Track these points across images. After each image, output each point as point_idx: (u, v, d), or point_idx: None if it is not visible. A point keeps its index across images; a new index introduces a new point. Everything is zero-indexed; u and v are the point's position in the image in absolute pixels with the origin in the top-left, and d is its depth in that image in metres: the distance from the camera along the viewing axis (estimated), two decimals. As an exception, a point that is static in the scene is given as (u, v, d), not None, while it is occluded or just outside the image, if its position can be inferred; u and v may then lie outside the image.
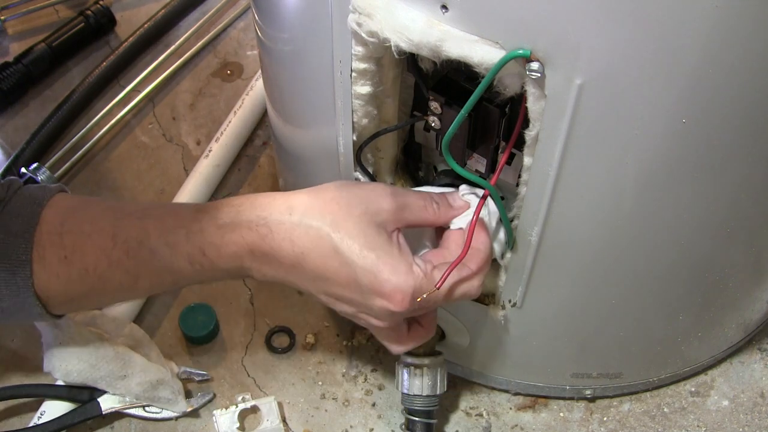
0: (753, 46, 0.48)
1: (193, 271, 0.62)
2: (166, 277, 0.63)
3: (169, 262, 0.62)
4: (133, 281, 0.63)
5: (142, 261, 0.62)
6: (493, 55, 0.50)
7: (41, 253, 0.63)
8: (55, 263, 0.63)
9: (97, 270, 0.63)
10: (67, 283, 0.64)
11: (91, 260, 0.63)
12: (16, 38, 1.20)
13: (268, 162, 1.05)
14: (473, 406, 0.84)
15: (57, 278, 0.63)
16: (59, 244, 0.63)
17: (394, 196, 0.60)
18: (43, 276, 0.63)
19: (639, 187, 0.58)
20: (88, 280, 0.63)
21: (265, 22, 0.70)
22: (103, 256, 0.63)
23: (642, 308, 0.71)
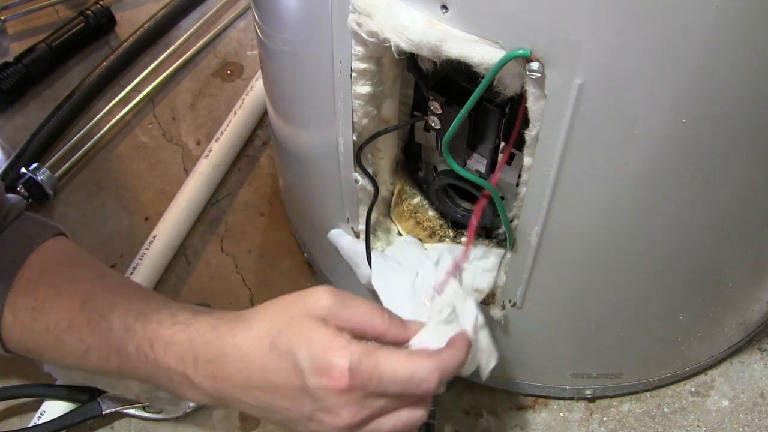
0: (753, 46, 0.48)
1: (138, 361, 0.62)
2: (113, 359, 0.63)
3: (120, 344, 0.62)
4: (84, 352, 0.64)
5: (98, 334, 0.63)
6: (493, 55, 0.50)
7: (14, 299, 0.65)
8: (22, 312, 0.65)
9: (57, 329, 0.64)
10: (29, 333, 0.65)
11: (54, 318, 0.64)
12: (16, 38, 1.20)
13: (268, 162, 1.05)
14: (473, 406, 0.84)
15: (21, 327, 0.65)
16: (33, 295, 0.65)
17: (335, 294, 0.58)
18: (9, 320, 0.65)
19: (639, 187, 0.58)
20: (47, 337, 0.64)
21: (265, 22, 0.70)
22: (66, 317, 0.64)
23: (642, 308, 0.71)
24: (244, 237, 0.97)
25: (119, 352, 0.62)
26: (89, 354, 0.64)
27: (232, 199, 1.01)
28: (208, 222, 0.99)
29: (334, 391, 0.54)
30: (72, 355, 0.65)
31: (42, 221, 0.71)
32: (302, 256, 0.95)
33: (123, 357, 0.62)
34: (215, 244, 0.97)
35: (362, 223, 0.72)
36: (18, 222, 0.67)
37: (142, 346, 0.61)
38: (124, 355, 0.62)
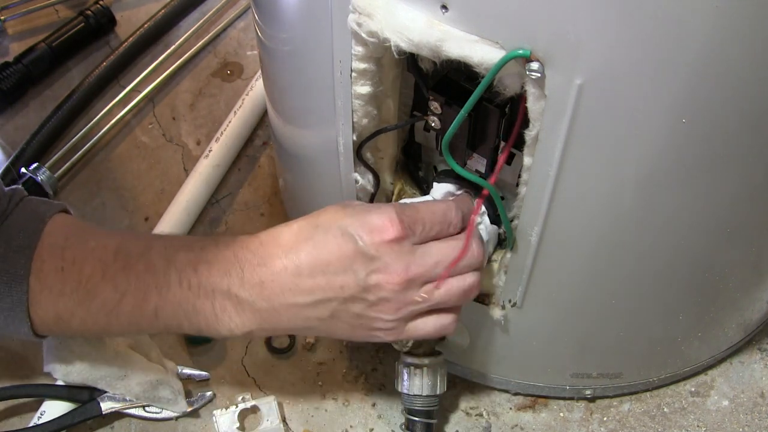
0: (753, 45, 0.48)
1: (179, 292, 0.60)
2: (152, 297, 0.61)
3: (161, 277, 0.61)
4: (118, 300, 0.62)
5: (135, 275, 0.61)
6: (493, 55, 0.50)
7: (39, 265, 0.63)
8: (50, 275, 0.63)
9: (89, 282, 0.62)
10: (58, 296, 0.63)
11: (87, 272, 0.62)
12: (16, 38, 1.20)
13: (268, 162, 1.05)
14: (473, 406, 0.84)
15: (49, 292, 0.63)
16: (60, 256, 0.63)
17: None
18: (36, 289, 0.63)
19: (639, 187, 0.58)
20: (77, 294, 0.62)
21: (265, 22, 0.70)
22: (99, 268, 0.62)
23: (642, 308, 0.71)
24: (244, 237, 0.97)
25: (159, 287, 0.61)
26: (124, 300, 0.61)
27: (232, 199, 1.01)
28: (208, 222, 0.99)
29: (387, 243, 0.57)
30: (104, 307, 0.62)
31: (47, 201, 0.69)
32: (302, 256, 0.95)
33: (163, 291, 0.61)
34: (215, 244, 0.97)
35: (362, 223, 0.72)
36: (24, 203, 0.66)
37: (185, 272, 0.60)
38: (165, 288, 0.61)
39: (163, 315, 0.62)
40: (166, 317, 0.62)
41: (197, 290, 0.60)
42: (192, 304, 0.61)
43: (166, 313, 0.61)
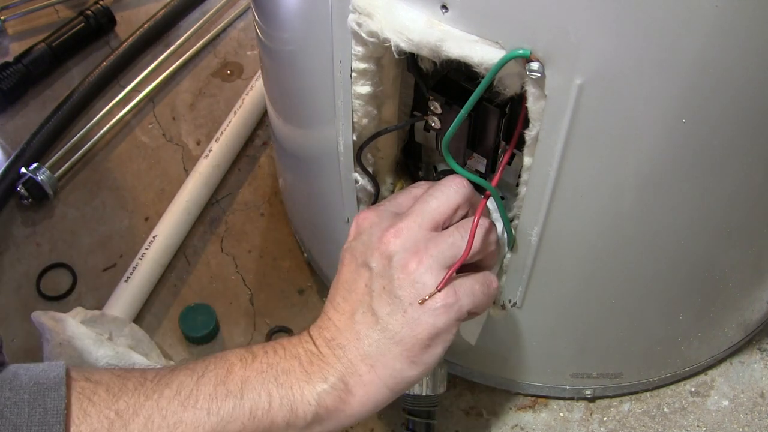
0: (752, 46, 0.48)
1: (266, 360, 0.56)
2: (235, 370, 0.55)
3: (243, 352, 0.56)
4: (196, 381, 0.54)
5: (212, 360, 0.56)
6: (493, 55, 0.50)
7: (83, 373, 0.53)
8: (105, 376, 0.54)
9: (158, 376, 0.54)
10: (119, 394, 0.53)
11: (150, 374, 0.55)
12: (16, 38, 1.20)
13: (268, 162, 1.05)
14: (473, 406, 0.84)
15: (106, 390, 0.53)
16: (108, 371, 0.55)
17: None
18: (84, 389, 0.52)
19: (639, 186, 0.58)
20: (144, 389, 0.53)
21: (265, 22, 0.70)
22: (165, 370, 0.56)
23: (642, 308, 0.71)
24: (244, 237, 0.97)
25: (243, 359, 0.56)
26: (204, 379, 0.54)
27: (232, 199, 1.01)
28: (208, 222, 0.99)
29: (367, 225, 0.58)
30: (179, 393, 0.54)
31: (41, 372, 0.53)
32: (302, 256, 0.95)
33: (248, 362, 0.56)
34: (215, 244, 0.97)
35: (362, 223, 0.72)
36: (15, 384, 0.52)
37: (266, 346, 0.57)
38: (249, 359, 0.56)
39: (249, 388, 0.54)
40: (252, 390, 0.54)
41: (283, 353, 0.56)
42: (280, 366, 0.56)
43: (253, 385, 0.54)
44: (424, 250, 0.55)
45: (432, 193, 0.58)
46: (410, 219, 0.57)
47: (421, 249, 0.56)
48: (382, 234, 0.56)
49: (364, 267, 0.57)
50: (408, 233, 0.56)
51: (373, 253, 0.56)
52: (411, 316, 0.55)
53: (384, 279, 0.56)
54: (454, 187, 0.58)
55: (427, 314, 0.55)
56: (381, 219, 0.58)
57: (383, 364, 0.56)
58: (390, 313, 0.55)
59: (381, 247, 0.56)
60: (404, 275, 0.55)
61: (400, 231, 0.56)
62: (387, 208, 0.59)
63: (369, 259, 0.57)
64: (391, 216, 0.58)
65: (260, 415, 0.54)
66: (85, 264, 0.95)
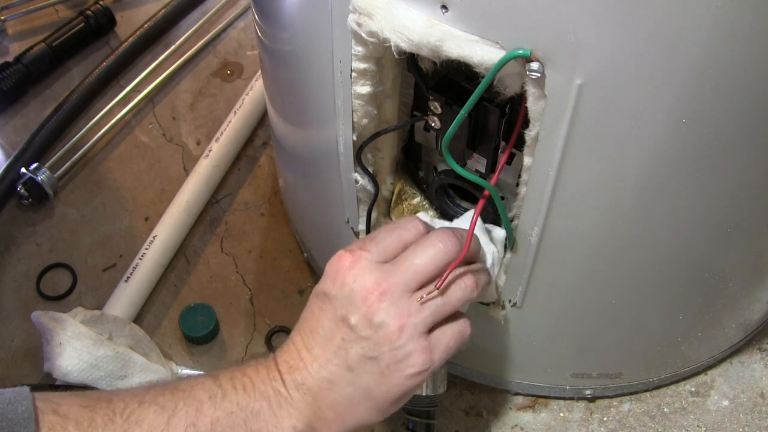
0: (753, 46, 0.48)
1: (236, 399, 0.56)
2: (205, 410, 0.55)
3: (213, 387, 0.56)
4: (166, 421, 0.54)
5: (181, 393, 0.56)
6: (493, 55, 0.50)
7: (54, 406, 0.53)
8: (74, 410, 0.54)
9: (126, 410, 0.54)
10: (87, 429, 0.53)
11: (119, 405, 0.55)
12: (16, 38, 1.20)
13: (268, 162, 1.05)
14: (473, 406, 0.84)
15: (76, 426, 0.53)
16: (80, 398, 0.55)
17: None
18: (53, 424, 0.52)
19: (639, 186, 0.58)
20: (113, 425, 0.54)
21: (265, 22, 0.70)
22: (135, 399, 0.55)
23: (642, 308, 0.71)
24: (244, 237, 0.97)
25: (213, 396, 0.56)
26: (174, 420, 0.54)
27: (232, 199, 1.01)
28: (208, 222, 0.99)
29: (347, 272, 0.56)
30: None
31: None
32: (302, 256, 0.95)
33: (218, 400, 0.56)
34: (215, 244, 0.97)
35: (362, 223, 0.72)
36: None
37: (235, 378, 0.57)
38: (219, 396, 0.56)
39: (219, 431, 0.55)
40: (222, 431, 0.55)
41: (252, 392, 0.56)
42: (250, 408, 0.56)
43: (223, 427, 0.55)
44: (407, 315, 0.56)
45: (419, 250, 0.57)
46: (396, 279, 0.56)
47: (404, 316, 0.56)
48: (366, 294, 0.55)
49: (343, 322, 0.56)
50: (392, 298, 0.56)
51: (355, 312, 0.56)
52: (387, 378, 0.56)
53: (364, 341, 0.56)
54: (442, 245, 0.57)
55: (402, 378, 0.56)
56: (365, 272, 0.56)
57: (351, 413, 0.57)
58: (367, 372, 0.56)
59: (364, 309, 0.56)
60: (385, 341, 0.56)
61: (385, 295, 0.56)
62: (372, 257, 0.57)
63: (350, 316, 0.56)
64: (376, 268, 0.56)
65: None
66: (85, 264, 0.95)
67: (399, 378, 0.56)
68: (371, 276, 0.56)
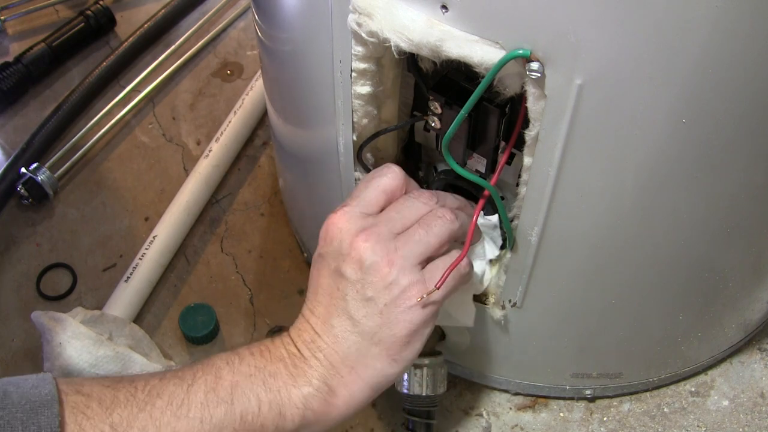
0: (753, 46, 0.48)
1: (253, 362, 0.57)
2: (223, 375, 0.56)
3: (230, 355, 0.57)
4: (186, 390, 0.55)
5: (200, 366, 0.57)
6: (493, 55, 0.50)
7: (76, 387, 0.53)
8: (96, 389, 0.54)
9: (148, 386, 0.55)
10: (111, 407, 0.53)
11: (140, 383, 0.55)
12: (16, 38, 1.20)
13: (268, 162, 1.05)
14: (473, 406, 0.84)
15: (99, 404, 0.53)
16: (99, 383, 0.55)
17: None
18: (77, 403, 0.52)
19: (639, 187, 0.58)
20: (136, 400, 0.54)
21: (265, 22, 0.70)
22: (155, 377, 0.56)
23: (642, 308, 0.71)
24: (244, 237, 0.97)
25: (231, 362, 0.57)
26: (194, 388, 0.55)
27: (232, 199, 1.01)
28: (208, 222, 0.99)
29: (334, 231, 0.58)
30: (171, 404, 0.54)
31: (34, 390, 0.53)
32: (302, 256, 0.95)
33: (235, 365, 0.57)
34: (215, 244, 0.97)
35: (362, 223, 0.72)
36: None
37: (251, 347, 0.58)
38: (236, 362, 0.57)
39: (239, 393, 0.55)
40: (242, 395, 0.55)
41: (268, 355, 0.58)
42: (268, 370, 0.57)
43: (242, 390, 0.55)
44: (393, 251, 0.57)
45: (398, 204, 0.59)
46: (379, 223, 0.58)
47: (391, 250, 0.57)
48: (352, 239, 0.57)
49: (337, 273, 0.58)
50: (378, 237, 0.57)
51: (345, 259, 0.57)
52: (387, 317, 0.57)
53: (358, 284, 0.57)
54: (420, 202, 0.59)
55: (402, 312, 0.57)
56: (350, 223, 0.58)
57: (364, 364, 0.57)
58: (366, 315, 0.57)
59: (352, 253, 0.57)
60: (377, 278, 0.56)
61: (369, 235, 0.57)
62: (354, 209, 0.59)
63: (341, 265, 0.57)
64: (360, 217, 0.58)
65: (251, 419, 0.55)
66: (85, 264, 0.95)
67: (398, 313, 0.57)
68: (355, 224, 0.58)
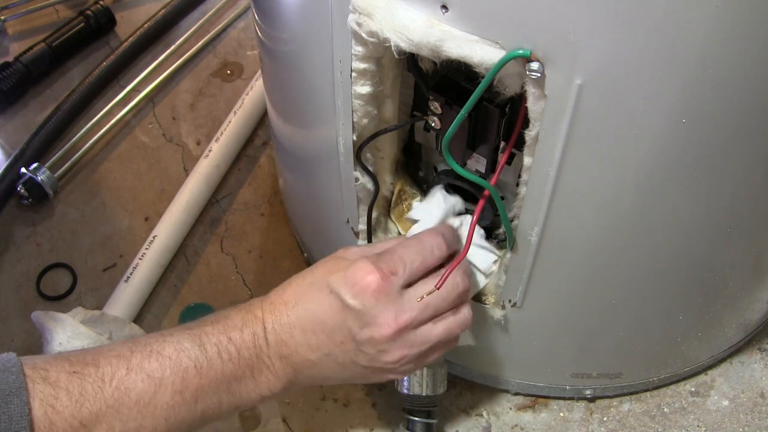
0: (753, 46, 0.48)
1: (221, 368, 0.58)
2: (190, 380, 0.57)
3: (198, 354, 0.58)
4: (153, 393, 0.56)
5: (167, 359, 0.57)
6: (493, 55, 0.50)
7: (42, 373, 0.53)
8: (62, 377, 0.54)
9: (114, 379, 0.55)
10: (80, 399, 0.54)
11: (108, 370, 0.55)
12: (16, 38, 1.20)
13: (268, 162, 1.05)
14: (473, 406, 0.84)
15: (67, 395, 0.53)
16: (66, 361, 0.55)
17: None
18: (45, 394, 0.53)
19: (639, 186, 0.58)
20: (104, 394, 0.54)
21: (265, 22, 0.70)
22: (122, 363, 0.56)
23: (642, 308, 0.71)
24: (244, 237, 0.97)
25: (199, 366, 0.57)
26: (161, 390, 0.56)
27: (232, 199, 1.01)
28: (208, 222, 0.99)
29: (372, 295, 0.59)
30: (138, 403, 0.55)
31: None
32: (302, 256, 0.95)
33: (204, 370, 0.58)
34: (215, 244, 0.97)
35: (362, 223, 0.72)
36: None
37: (221, 343, 0.59)
38: (205, 366, 0.58)
39: (203, 398, 0.58)
40: (206, 399, 0.58)
41: (237, 361, 0.59)
42: (234, 375, 0.59)
43: (207, 394, 0.58)
44: (408, 350, 0.61)
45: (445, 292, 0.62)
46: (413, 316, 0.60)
47: (407, 350, 0.61)
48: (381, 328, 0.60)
49: (350, 333, 0.60)
50: (406, 337, 0.61)
51: (366, 335, 0.60)
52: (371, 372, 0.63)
53: (363, 355, 0.61)
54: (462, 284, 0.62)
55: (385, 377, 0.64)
56: (388, 302, 0.59)
57: (327, 383, 0.65)
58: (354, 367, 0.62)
59: (376, 336, 0.60)
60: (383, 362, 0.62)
61: (399, 333, 0.60)
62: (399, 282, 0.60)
63: (360, 333, 0.60)
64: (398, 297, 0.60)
65: (210, 414, 0.59)
66: (85, 264, 0.95)
67: (382, 376, 0.64)
68: (392, 308, 0.60)
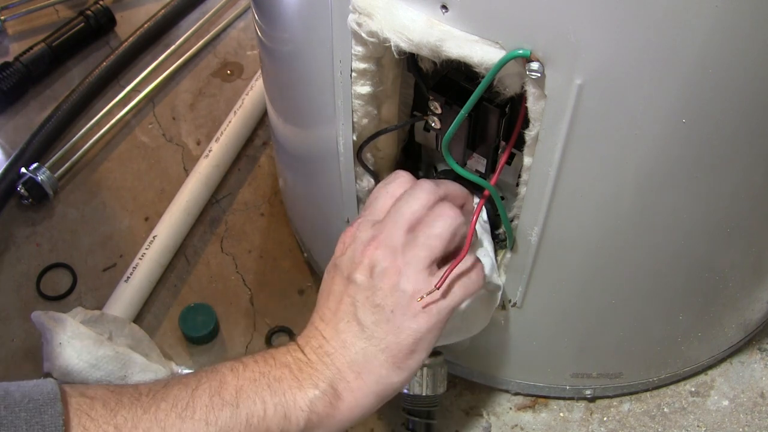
0: (753, 46, 0.48)
1: (257, 369, 0.57)
2: (228, 380, 0.56)
3: (234, 362, 0.57)
4: (190, 394, 0.55)
5: (204, 373, 0.56)
6: (493, 55, 0.50)
7: (80, 389, 0.53)
8: (99, 392, 0.54)
9: (152, 392, 0.54)
10: (116, 408, 0.53)
11: (144, 389, 0.55)
12: (16, 38, 1.20)
13: (268, 162, 1.05)
14: (473, 406, 0.84)
15: (103, 405, 0.53)
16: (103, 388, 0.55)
17: None
18: (80, 405, 0.52)
19: (639, 187, 0.58)
20: (140, 403, 0.53)
21: (265, 22, 0.70)
22: (159, 384, 0.55)
23: (642, 308, 0.71)
24: (244, 237, 0.97)
25: (235, 369, 0.57)
26: (198, 391, 0.55)
27: (232, 199, 1.01)
28: (208, 222, 0.99)
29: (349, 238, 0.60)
30: (175, 406, 0.54)
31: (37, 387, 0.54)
32: (302, 256, 0.95)
33: (239, 371, 0.57)
34: (215, 244, 0.97)
35: (362, 223, 0.72)
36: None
37: (257, 354, 0.58)
38: (240, 368, 0.57)
39: (244, 397, 0.55)
40: (247, 399, 0.55)
41: (273, 361, 0.58)
42: (272, 374, 0.57)
43: (247, 393, 0.55)
44: (401, 256, 0.57)
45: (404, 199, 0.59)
46: (388, 227, 0.58)
47: (399, 257, 0.57)
48: (363, 248, 0.58)
49: (348, 280, 0.59)
50: (386, 243, 0.58)
51: (357, 267, 0.58)
52: (394, 324, 0.57)
53: (367, 290, 0.58)
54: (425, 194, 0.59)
55: (408, 320, 0.57)
56: (361, 231, 0.59)
57: (369, 371, 0.57)
58: (375, 322, 0.57)
59: (363, 260, 0.58)
60: (386, 285, 0.57)
61: (380, 242, 0.58)
62: (366, 218, 0.60)
63: (353, 272, 0.58)
64: (370, 225, 0.59)
65: (256, 422, 0.55)
66: (85, 264, 0.95)
67: (404, 321, 0.57)
68: (367, 232, 0.59)
